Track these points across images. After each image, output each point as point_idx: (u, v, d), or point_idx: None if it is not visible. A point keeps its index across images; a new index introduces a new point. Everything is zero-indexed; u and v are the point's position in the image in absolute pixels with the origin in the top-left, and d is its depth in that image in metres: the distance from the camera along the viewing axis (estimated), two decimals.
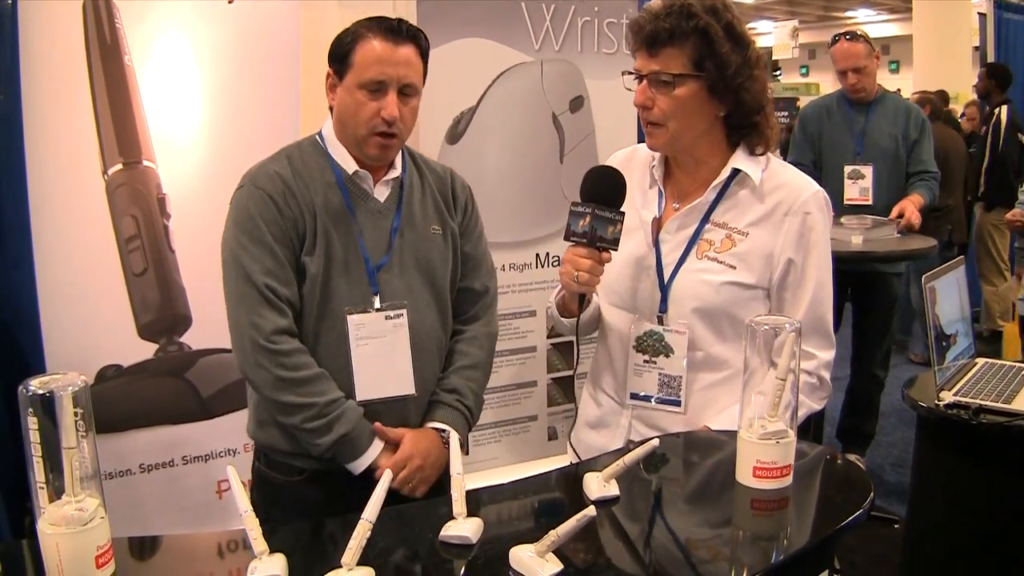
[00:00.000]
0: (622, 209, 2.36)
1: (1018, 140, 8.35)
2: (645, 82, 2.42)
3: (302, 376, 2.50)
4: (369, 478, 2.51)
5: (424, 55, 2.62)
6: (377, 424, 2.57)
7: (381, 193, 2.67)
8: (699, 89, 2.39)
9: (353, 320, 2.57)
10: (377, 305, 2.60)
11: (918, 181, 5.50)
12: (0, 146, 3.50)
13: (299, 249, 2.56)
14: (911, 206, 5.35)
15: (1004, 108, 8.70)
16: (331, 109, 2.66)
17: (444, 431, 2.66)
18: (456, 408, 2.72)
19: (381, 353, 2.58)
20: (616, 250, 2.37)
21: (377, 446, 2.56)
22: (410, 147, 2.80)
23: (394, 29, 2.54)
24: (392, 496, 1.76)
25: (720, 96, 2.40)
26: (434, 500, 2.04)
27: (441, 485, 2.41)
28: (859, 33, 5.52)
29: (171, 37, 3.70)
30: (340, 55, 2.57)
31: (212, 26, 3.76)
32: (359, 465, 2.54)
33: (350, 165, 2.62)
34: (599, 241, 2.34)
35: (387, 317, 2.60)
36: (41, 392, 1.57)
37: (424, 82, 2.65)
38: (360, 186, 2.64)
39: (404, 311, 2.62)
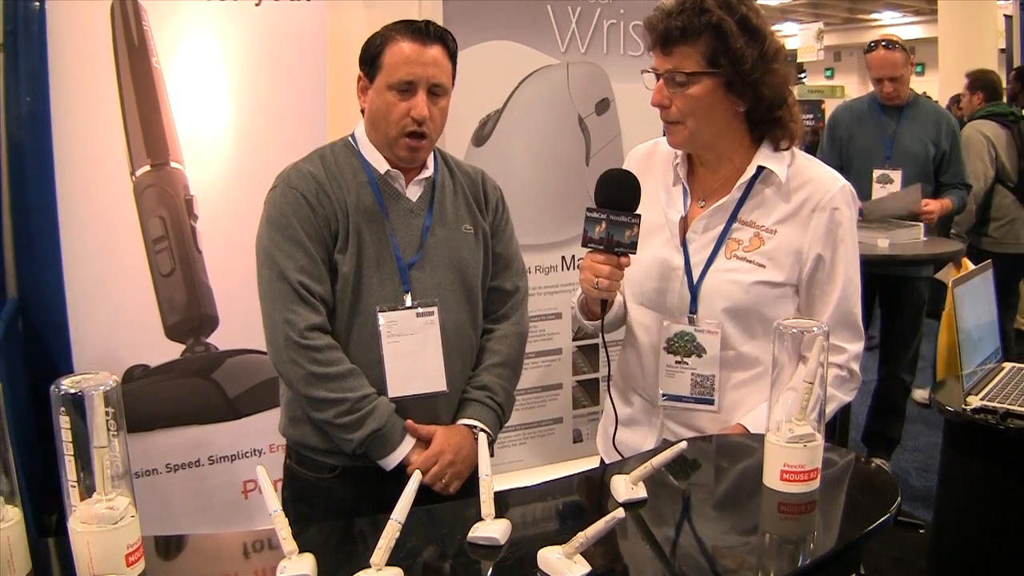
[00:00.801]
0: (638, 212, 2.35)
1: None
2: (661, 81, 2.42)
3: (334, 372, 2.52)
4: (400, 475, 2.52)
5: (452, 56, 2.65)
6: (409, 421, 2.59)
7: (413, 193, 2.69)
8: (715, 86, 2.37)
9: (384, 317, 2.59)
10: (408, 303, 2.62)
11: (951, 189, 5.48)
12: (28, 147, 3.53)
13: (332, 247, 2.58)
14: (936, 204, 5.36)
15: None
16: (363, 112, 2.69)
17: (475, 427, 2.68)
18: (487, 405, 2.73)
19: (412, 350, 2.60)
20: (634, 253, 2.37)
21: (409, 442, 2.58)
22: (441, 149, 2.82)
23: (422, 31, 2.58)
24: (421, 497, 1.76)
25: (738, 92, 2.38)
26: (462, 501, 2.04)
27: (472, 484, 2.43)
28: (896, 41, 5.48)
29: (198, 39, 3.73)
30: (370, 58, 2.60)
31: (239, 27, 3.78)
32: (391, 461, 2.56)
33: (382, 165, 2.65)
34: (616, 246, 2.34)
35: (418, 314, 2.62)
36: (73, 391, 1.58)
37: (453, 83, 2.67)
38: (392, 185, 2.66)
39: (435, 308, 2.64)
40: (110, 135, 3.58)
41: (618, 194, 2.36)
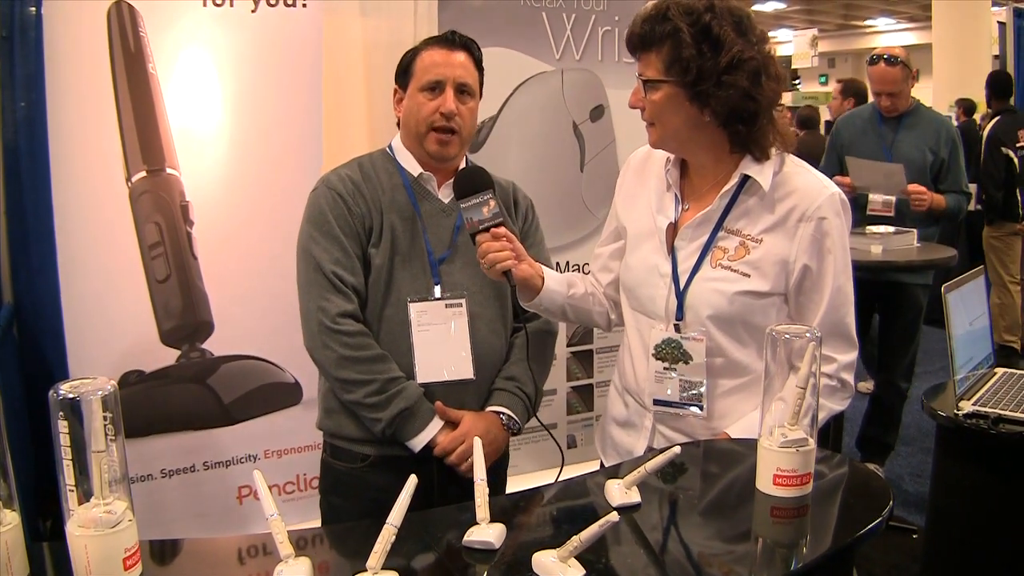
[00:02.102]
0: (489, 189, 2.57)
1: (1001, 153, 8.27)
2: (639, 84, 2.45)
3: (365, 355, 2.66)
4: (430, 462, 2.69)
5: (478, 64, 2.83)
6: (438, 403, 2.71)
7: (446, 195, 2.83)
8: (675, 94, 2.38)
9: (415, 307, 2.73)
10: (437, 294, 2.75)
11: (949, 194, 5.49)
12: (24, 153, 3.53)
13: (366, 243, 2.72)
14: (929, 194, 5.39)
15: (993, 121, 8.69)
16: (398, 124, 2.87)
17: (503, 414, 2.81)
18: (515, 394, 2.84)
19: (441, 339, 2.72)
20: (502, 221, 2.54)
21: (436, 424, 2.71)
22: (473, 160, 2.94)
23: (448, 39, 2.80)
24: (417, 501, 1.77)
25: (699, 101, 2.37)
26: (457, 506, 2.05)
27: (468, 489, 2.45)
28: (898, 56, 5.50)
29: (194, 45, 3.73)
30: (402, 70, 2.81)
31: (235, 34, 3.78)
32: (418, 442, 2.69)
33: (415, 168, 2.82)
34: (480, 224, 2.53)
35: (447, 305, 2.74)
36: (71, 396, 1.59)
37: (481, 92, 2.85)
38: (425, 187, 2.82)
39: (463, 300, 2.77)
40: (106, 141, 3.58)
41: (468, 184, 2.60)
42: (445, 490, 2.66)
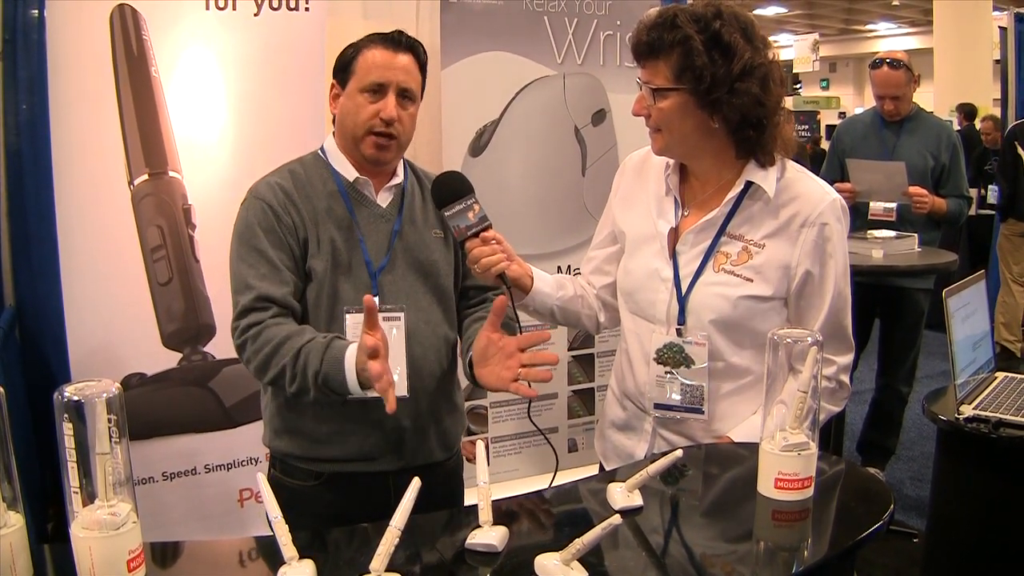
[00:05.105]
0: (471, 193, 2.53)
1: (1013, 148, 8.25)
2: (643, 91, 2.44)
3: (270, 350, 2.46)
4: (384, 478, 2.62)
5: (423, 68, 2.70)
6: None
7: (383, 199, 2.72)
8: (684, 101, 2.37)
9: (351, 319, 2.60)
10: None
11: (950, 197, 5.49)
12: (27, 155, 3.53)
13: (303, 254, 2.61)
14: (930, 197, 5.38)
15: (1021, 120, 8.71)
16: (333, 121, 2.75)
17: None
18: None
19: None
20: (489, 224, 2.51)
21: (351, 360, 2.38)
22: (410, 160, 2.85)
23: (394, 39, 2.64)
24: (420, 504, 1.77)
25: (706, 109, 2.37)
26: (460, 509, 2.05)
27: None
28: (900, 60, 5.50)
29: (197, 48, 3.74)
30: (343, 66, 2.66)
31: (238, 37, 3.79)
32: (353, 389, 2.41)
33: (351, 173, 2.69)
34: (468, 231, 2.50)
35: (384, 318, 2.59)
36: (76, 398, 1.59)
37: (422, 94, 2.73)
38: (361, 192, 2.70)
39: (402, 314, 2.65)
40: (109, 144, 3.59)
41: (449, 190, 2.55)
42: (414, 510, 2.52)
